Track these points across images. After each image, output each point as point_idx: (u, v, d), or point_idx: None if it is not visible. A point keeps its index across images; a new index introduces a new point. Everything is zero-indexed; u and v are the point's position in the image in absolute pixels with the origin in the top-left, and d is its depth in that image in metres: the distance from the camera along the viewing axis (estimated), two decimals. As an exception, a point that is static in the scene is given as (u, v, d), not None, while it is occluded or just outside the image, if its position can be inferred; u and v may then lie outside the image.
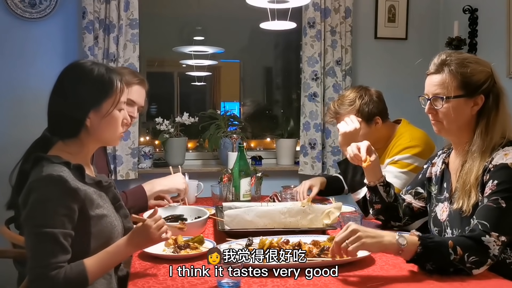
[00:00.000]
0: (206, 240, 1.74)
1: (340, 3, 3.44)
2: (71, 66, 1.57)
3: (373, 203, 1.96)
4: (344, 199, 2.65)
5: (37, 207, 1.39)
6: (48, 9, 3.16)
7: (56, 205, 1.38)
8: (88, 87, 1.50)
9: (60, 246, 1.37)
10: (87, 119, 1.48)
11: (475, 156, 1.62)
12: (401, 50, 3.67)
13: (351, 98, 2.34)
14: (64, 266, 1.37)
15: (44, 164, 1.44)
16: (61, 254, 1.37)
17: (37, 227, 1.37)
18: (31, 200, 1.40)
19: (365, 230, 1.47)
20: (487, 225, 1.49)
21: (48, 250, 1.36)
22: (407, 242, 1.45)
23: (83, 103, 1.49)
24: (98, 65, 1.55)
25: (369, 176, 1.94)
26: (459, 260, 1.45)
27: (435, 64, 1.67)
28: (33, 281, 1.37)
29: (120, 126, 1.56)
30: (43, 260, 1.35)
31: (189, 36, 3.86)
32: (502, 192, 1.52)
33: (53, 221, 1.37)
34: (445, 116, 1.66)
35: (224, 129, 3.41)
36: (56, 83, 1.55)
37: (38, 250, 1.37)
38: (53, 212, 1.38)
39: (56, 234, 1.36)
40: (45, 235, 1.36)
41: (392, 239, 1.46)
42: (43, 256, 1.35)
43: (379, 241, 1.46)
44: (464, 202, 1.61)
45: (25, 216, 1.40)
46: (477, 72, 1.63)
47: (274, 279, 1.41)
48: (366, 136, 2.26)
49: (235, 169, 2.41)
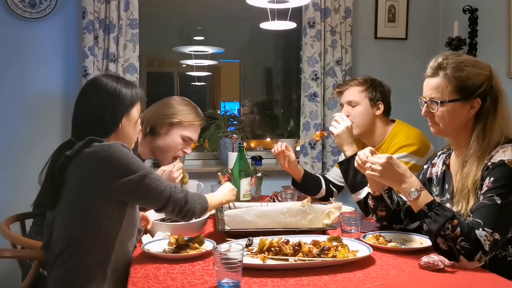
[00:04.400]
0: (206, 240, 1.74)
1: (340, 3, 3.44)
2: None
3: (377, 211, 1.93)
4: (344, 199, 2.65)
5: (122, 159, 1.56)
6: (48, 9, 3.16)
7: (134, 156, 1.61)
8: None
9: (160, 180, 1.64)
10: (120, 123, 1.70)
11: (472, 160, 1.63)
12: (401, 50, 3.67)
13: (364, 78, 2.48)
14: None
15: (102, 141, 1.61)
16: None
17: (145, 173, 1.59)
18: (111, 160, 1.55)
19: (390, 171, 1.64)
20: (481, 223, 1.50)
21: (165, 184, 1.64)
22: (417, 196, 1.59)
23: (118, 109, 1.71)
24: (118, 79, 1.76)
25: (373, 186, 1.89)
26: (452, 238, 1.50)
27: (431, 67, 1.67)
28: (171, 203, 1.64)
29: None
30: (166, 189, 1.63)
31: (189, 36, 3.86)
32: (497, 188, 1.53)
33: (140, 165, 1.59)
34: (441, 119, 1.66)
35: (224, 129, 3.41)
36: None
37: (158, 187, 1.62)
38: (135, 159, 1.59)
39: (151, 171, 1.62)
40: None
41: (407, 189, 1.61)
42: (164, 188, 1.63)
43: (394, 185, 1.69)
44: (463, 206, 1.62)
45: (109, 174, 1.56)
46: (472, 75, 1.63)
47: (274, 279, 1.41)
48: (364, 116, 2.39)
49: (235, 169, 2.41)
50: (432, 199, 1.60)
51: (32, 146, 3.15)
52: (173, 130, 2.36)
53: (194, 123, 2.39)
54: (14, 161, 3.16)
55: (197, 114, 2.41)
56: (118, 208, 1.60)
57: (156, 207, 1.66)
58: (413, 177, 1.65)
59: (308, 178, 2.60)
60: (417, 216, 1.62)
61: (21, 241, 2.03)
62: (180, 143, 2.37)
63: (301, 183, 2.57)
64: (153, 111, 2.40)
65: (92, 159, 1.57)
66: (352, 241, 1.71)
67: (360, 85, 2.43)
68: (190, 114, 2.38)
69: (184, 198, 1.66)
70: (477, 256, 1.49)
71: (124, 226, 1.61)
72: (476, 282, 1.42)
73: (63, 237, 1.58)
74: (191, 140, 2.41)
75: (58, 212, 1.61)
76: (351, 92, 2.44)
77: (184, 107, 2.39)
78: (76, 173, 1.59)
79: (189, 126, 2.38)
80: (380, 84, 2.46)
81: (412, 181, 1.63)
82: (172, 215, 1.69)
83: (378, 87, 2.43)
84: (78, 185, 1.58)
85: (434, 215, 1.55)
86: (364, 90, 2.41)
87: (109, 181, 1.55)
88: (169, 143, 2.35)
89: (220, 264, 1.35)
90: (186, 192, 1.70)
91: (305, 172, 2.59)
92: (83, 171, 1.58)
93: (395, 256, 1.64)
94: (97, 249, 1.58)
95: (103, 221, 1.58)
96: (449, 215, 1.54)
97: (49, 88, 3.20)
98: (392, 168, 1.64)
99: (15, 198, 3.02)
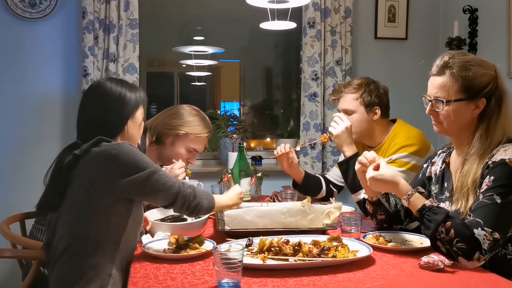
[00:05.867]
0: (206, 240, 1.74)
1: (340, 3, 3.44)
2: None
3: (377, 215, 1.93)
4: (344, 199, 2.65)
5: (132, 157, 1.59)
6: (48, 9, 3.16)
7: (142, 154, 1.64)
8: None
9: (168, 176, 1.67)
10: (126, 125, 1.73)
11: (473, 158, 1.62)
12: (401, 50, 3.67)
13: (358, 82, 2.42)
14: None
15: (111, 141, 1.63)
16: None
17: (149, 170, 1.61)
18: (121, 158, 1.58)
19: (378, 185, 1.68)
20: (481, 222, 1.50)
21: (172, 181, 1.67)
22: (408, 204, 1.62)
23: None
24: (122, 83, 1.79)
25: (370, 192, 1.89)
26: (448, 241, 1.51)
27: (437, 66, 1.66)
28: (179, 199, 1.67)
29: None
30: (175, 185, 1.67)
31: (189, 36, 3.86)
32: (497, 188, 1.52)
33: (149, 162, 1.63)
34: (446, 118, 1.66)
35: (224, 129, 3.41)
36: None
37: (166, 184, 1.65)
38: (144, 157, 1.62)
39: (160, 168, 1.65)
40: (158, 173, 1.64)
41: (401, 195, 1.64)
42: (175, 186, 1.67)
43: (388, 188, 1.70)
44: (462, 204, 1.61)
45: (118, 172, 1.58)
46: (479, 75, 1.63)
47: (274, 279, 1.41)
48: (361, 123, 2.36)
49: (235, 169, 2.41)
50: (422, 204, 1.59)
51: (32, 146, 3.15)
52: (178, 141, 2.35)
53: (201, 135, 2.38)
54: (14, 161, 3.15)
55: (205, 126, 2.40)
56: (125, 207, 1.61)
57: (166, 203, 1.68)
58: (402, 182, 1.65)
59: (309, 179, 2.60)
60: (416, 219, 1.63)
61: (21, 241, 2.04)
62: (185, 154, 2.37)
63: (302, 185, 2.57)
64: (161, 120, 2.39)
65: (102, 158, 1.58)
66: (352, 241, 1.71)
67: (354, 92, 2.38)
68: (197, 126, 2.37)
69: (192, 193, 1.70)
70: (475, 256, 1.48)
71: (130, 224, 1.63)
72: (476, 282, 1.42)
73: (68, 235, 1.59)
74: (196, 152, 2.41)
75: (63, 211, 1.62)
76: (345, 100, 2.40)
77: (192, 118, 2.37)
78: (85, 172, 1.60)
79: (196, 139, 2.37)
80: (376, 86, 2.40)
81: (402, 187, 1.64)
82: (181, 210, 1.72)
83: (374, 91, 2.37)
84: (86, 183, 1.59)
85: (426, 221, 1.56)
86: (358, 97, 2.36)
87: (119, 178, 1.57)
88: (174, 154, 2.35)
89: (220, 264, 1.35)
90: (194, 188, 1.72)
91: (305, 174, 2.59)
92: (92, 169, 1.59)
93: (395, 256, 1.64)
94: (102, 247, 1.58)
95: (110, 220, 1.59)
96: (439, 219, 1.53)
97: (49, 88, 3.20)
98: (379, 183, 1.68)
99: (15, 198, 3.03)
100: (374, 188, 1.73)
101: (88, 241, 1.58)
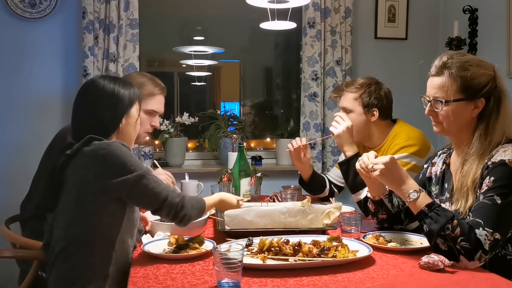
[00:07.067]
0: (206, 240, 1.74)
1: (340, 3, 3.44)
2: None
3: (378, 214, 1.93)
4: (344, 199, 2.65)
5: (119, 158, 1.56)
6: (48, 9, 3.16)
7: (132, 155, 1.61)
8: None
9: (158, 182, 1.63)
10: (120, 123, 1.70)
11: (473, 158, 1.63)
12: (401, 50, 3.67)
13: (360, 83, 2.41)
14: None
15: (102, 140, 1.61)
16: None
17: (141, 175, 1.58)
18: (108, 159, 1.56)
19: (392, 171, 1.65)
20: (481, 223, 1.50)
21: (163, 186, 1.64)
22: (417, 198, 1.59)
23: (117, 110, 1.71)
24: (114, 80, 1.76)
25: (373, 191, 1.89)
26: (452, 238, 1.51)
27: (436, 66, 1.67)
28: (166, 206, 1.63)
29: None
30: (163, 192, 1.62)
31: (189, 36, 3.86)
32: (498, 188, 1.53)
33: (138, 164, 1.59)
34: (445, 118, 1.66)
35: (224, 129, 3.41)
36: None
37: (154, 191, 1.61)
38: (133, 159, 1.59)
39: (149, 172, 1.61)
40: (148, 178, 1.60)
41: (406, 190, 1.62)
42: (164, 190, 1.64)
43: (393, 185, 1.67)
44: (461, 204, 1.62)
45: (104, 172, 1.56)
46: (478, 75, 1.63)
47: (274, 279, 1.41)
48: (359, 124, 2.35)
49: (235, 169, 2.41)
50: (432, 200, 1.61)
51: (32, 146, 3.14)
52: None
53: (153, 93, 2.32)
54: (14, 161, 3.15)
55: (154, 84, 2.35)
56: (118, 207, 1.60)
57: (151, 209, 1.65)
58: (412, 180, 1.66)
59: (316, 177, 2.60)
60: (416, 218, 1.62)
61: (21, 241, 2.03)
62: (146, 118, 2.30)
63: (309, 182, 2.57)
64: None
65: (91, 157, 1.57)
66: (352, 241, 1.71)
67: (355, 91, 2.38)
68: (147, 86, 2.30)
69: (180, 203, 1.65)
70: (477, 256, 1.49)
71: (124, 224, 1.62)
72: (476, 282, 1.42)
73: (64, 236, 1.59)
74: (155, 112, 2.35)
75: (58, 212, 1.62)
76: (345, 98, 2.41)
77: (140, 80, 2.30)
78: (76, 172, 1.59)
79: (149, 99, 2.30)
80: (378, 88, 2.38)
81: (411, 183, 1.64)
82: (167, 218, 1.68)
83: (374, 92, 2.36)
84: (78, 183, 1.58)
85: (435, 215, 1.55)
86: (358, 97, 2.36)
87: (107, 179, 1.55)
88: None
89: (220, 264, 1.35)
90: (183, 196, 1.68)
91: (313, 171, 2.59)
92: (83, 169, 1.58)
93: (395, 256, 1.64)
94: (98, 248, 1.58)
95: (103, 220, 1.58)
96: (449, 215, 1.54)
97: (49, 88, 3.20)
98: (394, 168, 1.65)
99: (15, 198, 3.02)
100: (383, 175, 1.67)
101: (83, 241, 1.57)
